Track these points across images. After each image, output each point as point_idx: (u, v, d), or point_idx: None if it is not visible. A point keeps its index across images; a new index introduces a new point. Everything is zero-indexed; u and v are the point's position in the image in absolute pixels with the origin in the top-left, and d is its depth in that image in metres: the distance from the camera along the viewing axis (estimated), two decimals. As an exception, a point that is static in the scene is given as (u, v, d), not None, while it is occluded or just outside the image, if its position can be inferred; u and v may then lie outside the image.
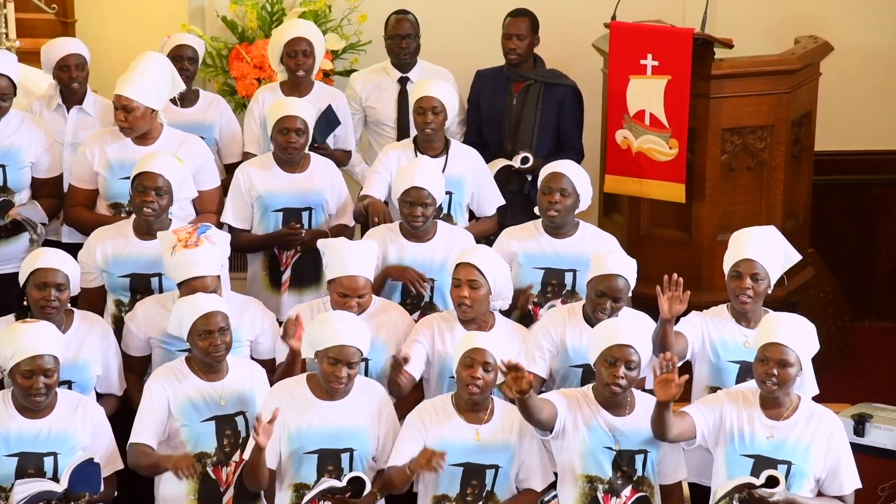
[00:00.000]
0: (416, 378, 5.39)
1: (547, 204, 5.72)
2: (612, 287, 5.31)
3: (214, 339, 5.04)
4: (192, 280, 5.27)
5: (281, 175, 6.08)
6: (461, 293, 5.34)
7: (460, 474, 5.00)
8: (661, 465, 5.02)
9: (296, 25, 6.64)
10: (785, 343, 4.82)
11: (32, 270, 5.18)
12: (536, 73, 6.82)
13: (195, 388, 5.10)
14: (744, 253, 5.26)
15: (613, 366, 4.90)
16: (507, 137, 6.80)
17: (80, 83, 6.34)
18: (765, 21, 7.44)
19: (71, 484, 4.78)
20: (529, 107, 6.79)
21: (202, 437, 5.08)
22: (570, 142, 6.82)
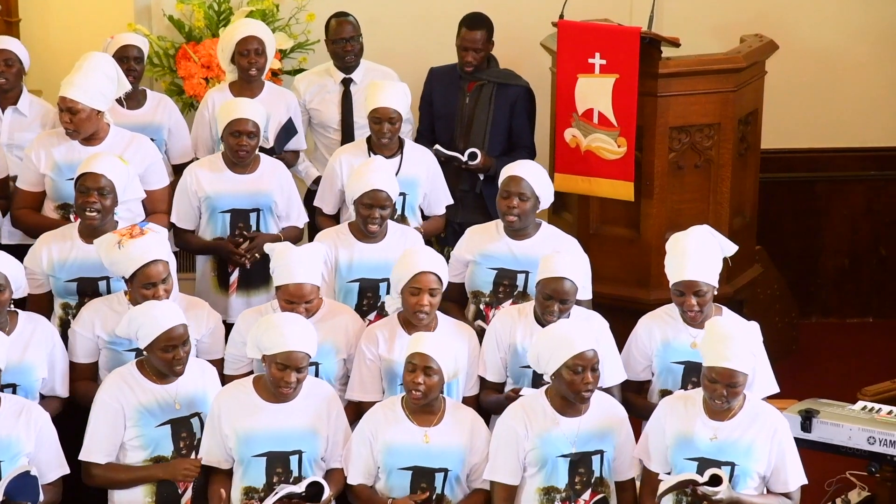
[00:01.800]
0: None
1: (505, 208, 5.71)
2: (557, 290, 5.31)
3: (178, 353, 5.02)
4: (147, 266, 5.22)
5: (229, 176, 6.05)
6: (421, 301, 5.31)
7: (409, 477, 5.00)
8: (615, 463, 5.04)
9: (247, 24, 6.61)
10: (735, 368, 4.82)
11: None
12: (490, 73, 6.82)
13: (149, 392, 5.06)
14: (683, 273, 5.27)
15: (582, 373, 4.89)
16: (459, 136, 6.81)
17: (7, 80, 6.27)
18: (711, 20, 7.48)
19: (7, 495, 4.73)
20: (482, 106, 6.80)
21: (159, 442, 5.06)
22: (523, 141, 6.83)
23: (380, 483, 5.05)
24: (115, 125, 6.02)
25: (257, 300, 5.98)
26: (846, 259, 7.77)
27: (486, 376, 5.45)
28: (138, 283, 5.26)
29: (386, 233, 5.84)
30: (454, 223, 6.56)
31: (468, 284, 5.84)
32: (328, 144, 6.84)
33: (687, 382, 5.35)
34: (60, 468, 5.00)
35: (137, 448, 5.05)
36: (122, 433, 5.04)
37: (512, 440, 4.97)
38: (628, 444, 5.04)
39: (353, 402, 5.40)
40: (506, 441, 4.98)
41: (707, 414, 4.92)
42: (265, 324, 5.01)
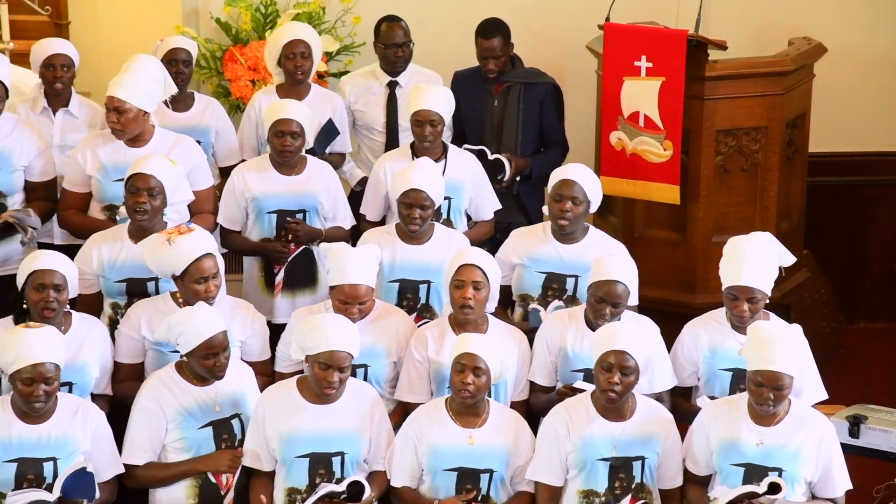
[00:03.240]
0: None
1: (558, 212, 5.70)
2: (610, 293, 5.30)
3: (219, 359, 5.04)
4: (199, 260, 5.25)
5: (276, 177, 6.08)
6: (465, 294, 5.32)
7: (454, 479, 5.00)
8: (660, 471, 5.02)
9: (294, 28, 6.63)
10: (780, 370, 4.80)
11: (30, 272, 5.17)
12: (515, 74, 6.81)
13: (189, 395, 5.09)
14: (739, 279, 5.25)
15: (609, 372, 4.89)
16: (491, 139, 6.80)
17: (63, 84, 6.33)
18: (759, 23, 7.44)
19: (64, 492, 4.77)
20: (511, 108, 6.79)
21: (201, 444, 5.08)
22: (555, 138, 6.81)
23: (424, 485, 5.05)
24: (164, 127, 6.06)
25: (302, 301, 6.01)
26: (893, 263, 7.70)
27: (536, 379, 5.45)
28: (190, 279, 5.28)
29: (431, 235, 5.84)
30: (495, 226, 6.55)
31: (515, 288, 5.84)
32: (372, 146, 6.85)
33: (735, 389, 5.32)
34: (115, 467, 5.03)
35: (180, 450, 5.08)
36: (162, 435, 5.07)
37: (554, 441, 4.97)
38: (675, 451, 5.02)
39: (402, 403, 5.41)
40: (548, 441, 4.98)
41: (752, 419, 4.90)
42: (308, 324, 5.03)
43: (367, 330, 5.34)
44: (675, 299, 6.53)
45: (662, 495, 5.04)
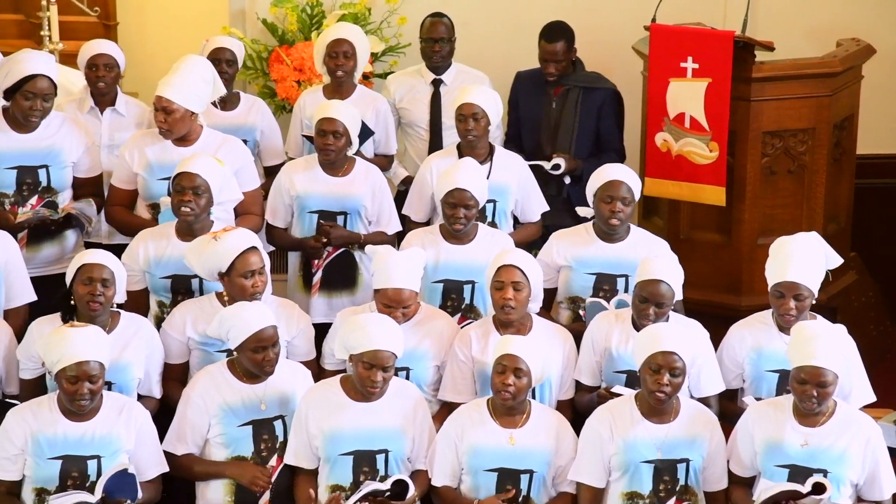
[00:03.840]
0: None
1: (609, 213, 5.69)
2: (654, 292, 5.29)
3: (268, 354, 5.06)
4: (245, 254, 5.28)
5: (321, 177, 6.10)
6: (506, 295, 5.32)
7: (495, 479, 5.01)
8: (705, 473, 5.00)
9: (340, 27, 6.67)
10: (823, 366, 4.78)
11: (79, 267, 5.21)
12: (576, 77, 6.81)
13: (236, 392, 5.11)
14: (786, 274, 5.23)
15: (657, 373, 4.88)
16: (546, 141, 6.80)
17: (106, 84, 6.38)
18: (806, 23, 7.40)
19: (107, 492, 4.80)
20: (568, 111, 6.78)
21: (239, 441, 5.10)
22: (611, 144, 6.81)
23: (464, 485, 5.05)
24: (209, 126, 6.10)
25: (339, 302, 6.03)
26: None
27: (581, 379, 5.45)
28: (236, 274, 5.31)
29: (475, 235, 5.84)
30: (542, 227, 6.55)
31: (563, 290, 5.82)
32: (417, 145, 6.87)
33: (782, 391, 5.29)
34: (159, 466, 5.06)
35: (220, 446, 5.11)
36: (205, 429, 5.10)
37: (597, 442, 4.96)
38: (719, 453, 5.00)
39: (446, 404, 5.42)
40: (591, 443, 4.97)
41: (797, 420, 4.88)
42: (352, 324, 5.05)
43: (410, 333, 5.35)
44: (720, 301, 6.50)
45: (707, 497, 5.02)
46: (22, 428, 4.89)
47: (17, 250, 5.61)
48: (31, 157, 5.90)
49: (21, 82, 5.81)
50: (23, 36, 7.92)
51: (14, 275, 5.57)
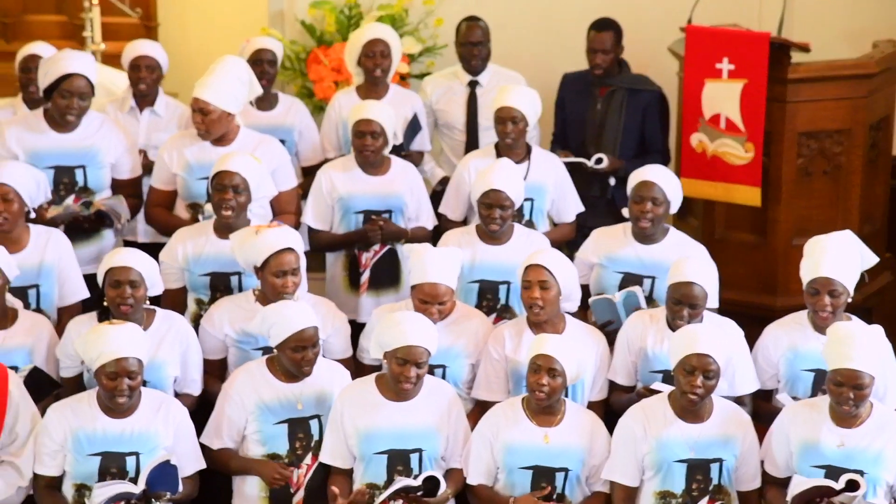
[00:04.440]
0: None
1: (639, 213, 5.70)
2: (687, 294, 5.29)
3: (307, 354, 5.09)
4: (281, 253, 5.31)
5: (362, 177, 6.14)
6: (532, 294, 5.34)
7: (530, 477, 5.03)
8: (738, 473, 5.01)
9: (374, 27, 6.71)
10: (860, 368, 4.77)
11: (107, 269, 5.25)
12: (622, 78, 6.82)
13: (273, 390, 5.14)
14: (820, 270, 5.23)
15: (691, 374, 4.89)
16: (591, 141, 6.82)
17: (147, 84, 6.44)
18: (842, 25, 7.37)
19: (149, 485, 4.84)
20: (613, 112, 6.80)
21: (275, 439, 5.13)
22: (656, 146, 6.83)
23: (499, 483, 5.08)
24: (247, 127, 6.14)
25: (386, 300, 6.05)
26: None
27: (617, 379, 5.46)
28: (269, 271, 5.34)
29: (511, 236, 5.87)
30: (585, 228, 6.56)
31: (593, 287, 5.84)
32: (453, 146, 6.90)
33: (817, 390, 5.29)
34: (197, 462, 5.09)
35: (256, 443, 5.14)
36: (242, 426, 5.14)
37: (630, 441, 4.97)
38: (753, 454, 5.00)
39: (480, 403, 5.44)
40: (624, 442, 4.99)
41: (833, 421, 4.87)
42: (386, 321, 5.08)
43: (445, 331, 5.37)
44: (755, 302, 6.48)
45: (740, 497, 5.02)
46: (62, 424, 4.94)
47: (69, 249, 5.68)
48: (68, 157, 5.96)
49: (58, 81, 5.87)
50: (65, 37, 8.02)
51: (67, 273, 5.64)
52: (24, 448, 4.94)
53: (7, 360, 5.19)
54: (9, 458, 4.92)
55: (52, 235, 5.65)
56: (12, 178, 5.54)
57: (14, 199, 5.52)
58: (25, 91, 6.44)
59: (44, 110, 6.04)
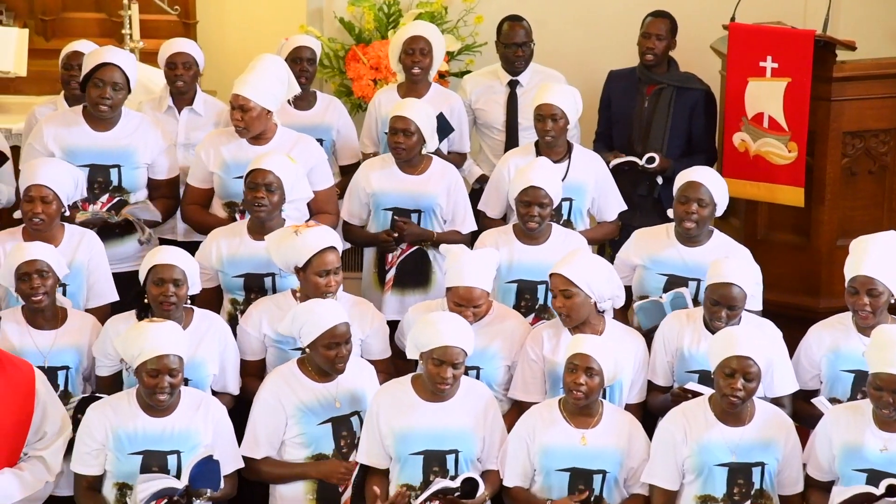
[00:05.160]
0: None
1: (684, 214, 5.65)
2: (725, 295, 5.25)
3: (340, 351, 5.08)
4: (323, 252, 5.32)
5: (397, 175, 6.13)
6: (556, 303, 5.32)
7: (567, 479, 5.00)
8: (780, 477, 4.97)
9: (417, 25, 6.71)
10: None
11: (150, 267, 5.26)
12: (669, 76, 6.78)
13: (309, 391, 5.13)
14: (860, 269, 5.20)
15: (731, 377, 4.84)
16: (637, 139, 6.78)
17: (184, 82, 6.43)
18: (889, 23, 7.31)
19: (191, 480, 4.84)
20: (661, 110, 6.76)
21: (320, 440, 5.13)
22: (702, 145, 6.78)
23: (536, 485, 5.05)
24: (286, 126, 6.13)
25: (411, 299, 6.04)
26: None
27: (655, 380, 5.42)
28: (312, 271, 5.34)
29: (549, 236, 5.83)
30: (631, 227, 6.53)
31: (636, 289, 5.80)
32: (493, 146, 6.87)
33: (856, 392, 5.26)
34: (235, 462, 5.09)
35: (299, 446, 5.13)
36: (282, 430, 5.13)
37: (670, 445, 4.93)
38: (795, 457, 4.96)
39: (516, 404, 5.41)
40: (664, 445, 4.94)
41: (877, 424, 4.84)
42: (422, 322, 5.06)
43: (481, 332, 5.35)
44: (798, 303, 6.43)
45: (782, 501, 4.99)
46: (102, 423, 4.95)
47: (101, 250, 5.69)
48: (104, 155, 5.97)
49: (92, 71, 5.89)
50: (104, 34, 8.03)
51: (97, 274, 5.65)
52: (51, 444, 4.94)
53: (57, 359, 5.25)
54: (36, 452, 4.93)
55: (85, 236, 5.67)
56: (51, 178, 5.56)
57: (53, 201, 5.54)
58: (67, 88, 6.46)
59: (83, 107, 6.06)
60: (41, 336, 5.29)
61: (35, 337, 5.28)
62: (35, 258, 5.24)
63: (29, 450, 4.92)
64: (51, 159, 5.81)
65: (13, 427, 4.85)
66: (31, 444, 4.92)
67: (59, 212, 5.59)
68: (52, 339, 5.29)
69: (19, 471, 4.87)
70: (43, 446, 4.93)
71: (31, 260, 5.24)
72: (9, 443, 4.86)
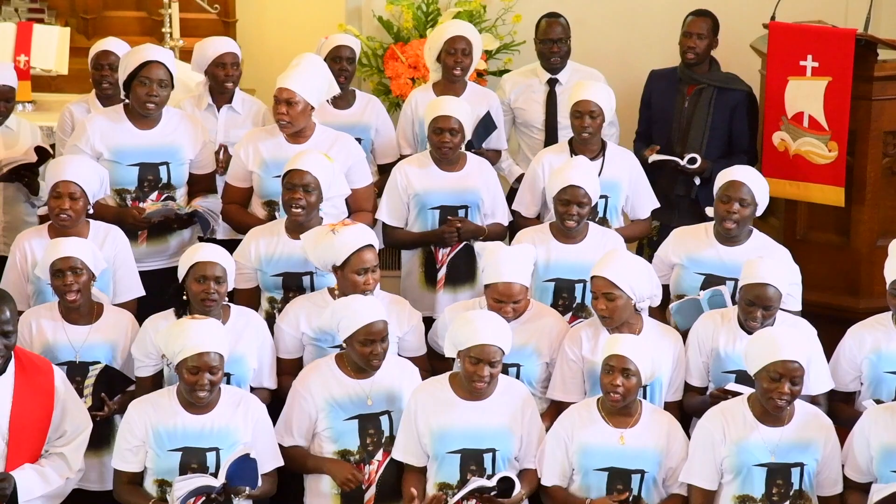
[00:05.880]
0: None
1: (725, 213, 5.63)
2: (760, 296, 5.23)
3: (376, 348, 5.09)
4: (361, 251, 5.33)
5: (438, 173, 6.13)
6: (599, 305, 5.30)
7: (605, 479, 4.99)
8: (819, 478, 4.95)
9: (457, 24, 6.70)
10: None
11: (192, 264, 5.28)
12: (710, 76, 6.76)
13: (343, 386, 5.14)
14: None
15: (778, 381, 4.82)
16: (677, 139, 6.77)
17: (233, 82, 6.46)
18: (931, 21, 7.26)
19: (228, 478, 4.86)
20: (701, 110, 6.74)
21: (346, 435, 5.13)
22: (742, 146, 6.75)
23: (574, 484, 5.04)
24: (325, 124, 6.14)
25: (463, 296, 6.04)
26: None
27: (690, 380, 5.40)
28: (351, 269, 5.35)
29: (586, 234, 5.82)
30: (669, 228, 6.51)
31: (673, 287, 5.78)
32: (532, 145, 6.86)
33: (902, 393, 5.23)
34: (275, 460, 5.10)
35: (327, 440, 5.14)
36: (312, 422, 5.14)
37: (709, 445, 4.92)
38: (834, 458, 4.94)
39: (555, 403, 5.41)
40: (703, 445, 4.93)
41: None
42: (460, 320, 5.06)
43: (520, 330, 5.35)
44: (838, 304, 6.40)
45: (821, 502, 4.96)
46: (143, 420, 4.97)
47: (127, 246, 5.71)
48: (152, 154, 6.00)
49: (137, 69, 5.91)
50: (145, 33, 8.09)
51: (123, 270, 5.67)
52: (72, 441, 4.95)
53: (91, 354, 5.27)
54: (56, 449, 4.93)
55: (110, 232, 5.69)
56: (79, 174, 5.59)
57: (80, 197, 5.57)
58: (99, 88, 6.48)
59: (124, 106, 6.08)
60: (75, 331, 5.31)
61: (69, 332, 5.30)
62: (70, 255, 5.27)
63: (49, 447, 4.94)
64: (77, 156, 5.84)
65: (33, 424, 4.86)
66: (51, 441, 4.93)
67: (86, 208, 5.62)
68: (86, 334, 5.32)
69: (40, 467, 4.88)
70: (63, 443, 4.94)
71: (66, 256, 5.26)
72: (30, 440, 4.88)
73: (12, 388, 4.80)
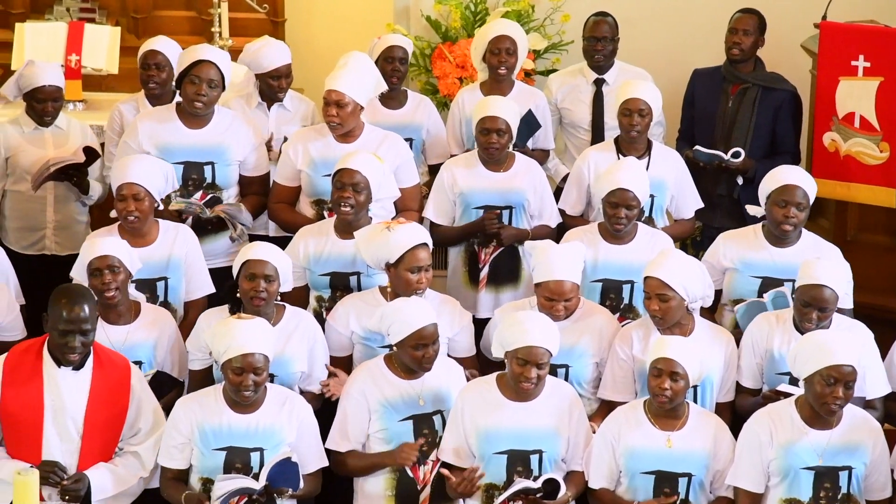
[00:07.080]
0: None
1: (782, 217, 5.59)
2: (816, 297, 5.19)
3: (428, 351, 5.09)
4: (416, 249, 5.34)
5: (484, 173, 6.13)
6: (652, 306, 5.28)
7: (652, 482, 4.97)
8: (868, 481, 4.91)
9: (501, 24, 6.70)
10: None
11: (243, 262, 5.30)
12: (755, 76, 6.73)
13: (394, 387, 5.15)
14: None
15: (833, 386, 4.79)
16: (720, 138, 6.74)
17: (285, 90, 6.48)
18: None
19: (270, 481, 4.87)
20: (745, 110, 6.71)
21: (401, 436, 5.13)
22: (786, 146, 6.72)
23: (621, 487, 5.03)
24: (376, 124, 6.16)
25: (505, 297, 6.04)
26: None
27: (743, 381, 5.38)
28: (405, 267, 5.36)
29: (635, 235, 5.80)
30: (711, 228, 6.48)
31: (727, 292, 5.74)
32: (578, 144, 6.85)
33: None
34: (320, 460, 5.10)
35: (381, 441, 5.14)
36: (365, 425, 5.14)
37: (755, 447, 4.89)
38: (883, 462, 4.90)
39: (605, 403, 5.40)
40: (750, 447, 4.90)
41: None
42: (508, 321, 5.06)
43: (569, 329, 5.34)
44: (889, 305, 6.38)
45: (870, 507, 4.93)
46: (189, 418, 4.98)
47: (196, 244, 5.75)
48: (198, 153, 6.03)
49: (188, 68, 5.94)
50: (194, 33, 8.13)
51: (194, 268, 5.72)
52: (146, 440, 5.00)
53: (131, 354, 5.26)
54: (130, 448, 4.99)
55: (180, 230, 5.73)
56: (142, 176, 5.63)
57: (145, 198, 5.61)
58: (147, 88, 6.52)
59: (176, 104, 6.12)
60: (114, 331, 5.33)
61: (108, 332, 5.31)
62: (106, 253, 5.30)
63: (124, 445, 4.98)
64: (140, 156, 5.88)
65: (108, 422, 4.91)
66: (125, 439, 4.97)
67: (153, 208, 5.66)
68: (125, 334, 5.34)
69: (113, 466, 4.93)
70: (137, 442, 4.99)
71: (103, 255, 5.29)
72: (104, 438, 4.93)
73: (89, 384, 4.86)
